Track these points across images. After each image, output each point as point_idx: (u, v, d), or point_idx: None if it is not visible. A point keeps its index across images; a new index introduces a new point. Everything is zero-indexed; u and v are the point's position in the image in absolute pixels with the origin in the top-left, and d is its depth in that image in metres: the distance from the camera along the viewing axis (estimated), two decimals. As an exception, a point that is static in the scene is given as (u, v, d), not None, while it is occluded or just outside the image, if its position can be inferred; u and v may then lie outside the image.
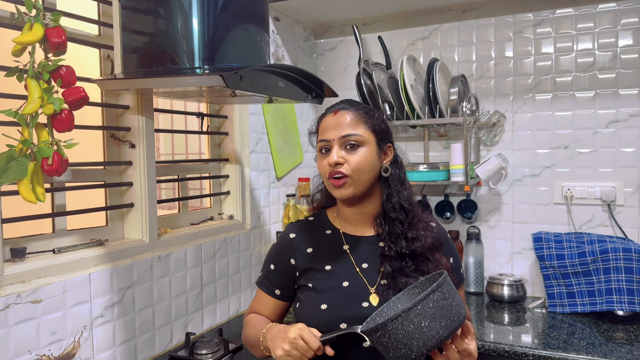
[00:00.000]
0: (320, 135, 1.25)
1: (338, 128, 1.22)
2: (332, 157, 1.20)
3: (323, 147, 1.23)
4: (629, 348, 1.59)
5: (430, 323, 0.98)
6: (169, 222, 1.79)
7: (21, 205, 1.19)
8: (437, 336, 0.98)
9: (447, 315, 0.99)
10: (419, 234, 1.22)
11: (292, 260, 1.27)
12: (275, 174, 2.24)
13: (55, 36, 1.16)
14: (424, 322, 0.98)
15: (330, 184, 1.22)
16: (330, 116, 1.24)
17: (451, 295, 1.01)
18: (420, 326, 0.98)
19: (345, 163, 1.20)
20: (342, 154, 1.20)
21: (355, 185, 1.21)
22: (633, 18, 2.02)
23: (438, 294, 1.00)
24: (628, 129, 2.04)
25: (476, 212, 2.26)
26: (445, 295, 1.00)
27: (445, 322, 0.98)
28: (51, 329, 1.28)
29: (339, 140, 1.21)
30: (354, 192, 1.22)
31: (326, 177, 1.23)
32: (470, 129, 2.16)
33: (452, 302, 1.01)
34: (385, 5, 2.26)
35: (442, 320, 0.98)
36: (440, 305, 0.99)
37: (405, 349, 0.99)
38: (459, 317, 1.00)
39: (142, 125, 1.56)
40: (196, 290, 1.78)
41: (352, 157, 1.20)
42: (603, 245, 1.89)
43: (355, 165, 1.20)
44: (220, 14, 1.31)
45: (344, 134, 1.21)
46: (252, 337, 1.25)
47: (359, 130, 1.22)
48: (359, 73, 2.20)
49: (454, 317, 1.00)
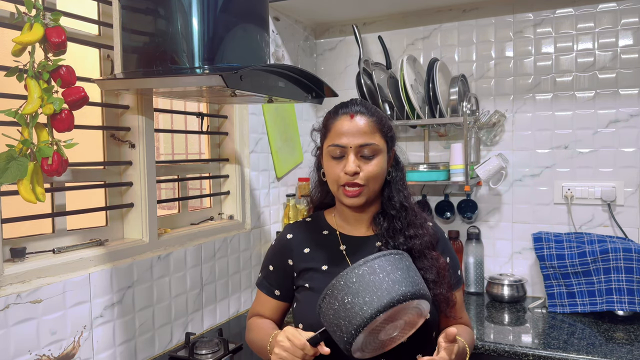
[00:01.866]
0: (333, 138, 1.20)
1: (356, 135, 1.18)
2: (350, 166, 1.16)
3: (336, 152, 1.19)
4: (629, 348, 1.59)
5: (353, 299, 0.92)
6: (169, 222, 1.79)
7: (21, 205, 1.19)
8: (360, 313, 0.90)
9: (374, 290, 0.92)
10: (417, 232, 1.22)
11: (290, 261, 1.28)
12: (275, 174, 2.24)
13: (55, 36, 1.16)
14: (347, 298, 0.92)
15: (342, 192, 1.20)
16: (346, 119, 1.20)
17: (386, 271, 0.94)
18: (344, 303, 0.92)
19: (360, 172, 1.18)
20: (358, 162, 1.18)
21: (368, 194, 1.21)
22: (633, 18, 2.02)
23: (365, 269, 0.94)
24: (628, 129, 2.04)
25: (476, 212, 2.26)
26: (374, 270, 0.94)
27: (370, 298, 0.91)
28: (51, 329, 1.28)
29: (356, 149, 1.18)
30: (366, 200, 1.21)
31: (338, 184, 1.20)
32: (470, 129, 2.16)
33: (385, 277, 0.93)
34: (385, 5, 2.26)
35: (366, 295, 0.91)
36: (367, 280, 0.93)
37: (338, 331, 0.93)
38: (390, 294, 0.92)
39: (142, 125, 1.56)
40: (196, 290, 1.78)
41: (368, 166, 1.18)
42: (603, 245, 1.89)
43: (371, 174, 1.19)
44: (220, 14, 1.30)
45: (363, 143, 1.18)
46: (258, 344, 1.25)
47: (376, 139, 1.20)
48: (359, 73, 2.20)
49: (384, 292, 0.92)
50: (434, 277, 1.19)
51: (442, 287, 1.19)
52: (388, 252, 1.01)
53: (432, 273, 1.19)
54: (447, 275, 1.23)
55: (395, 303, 0.92)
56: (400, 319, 0.99)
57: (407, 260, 1.03)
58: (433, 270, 1.19)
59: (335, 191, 1.23)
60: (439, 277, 1.20)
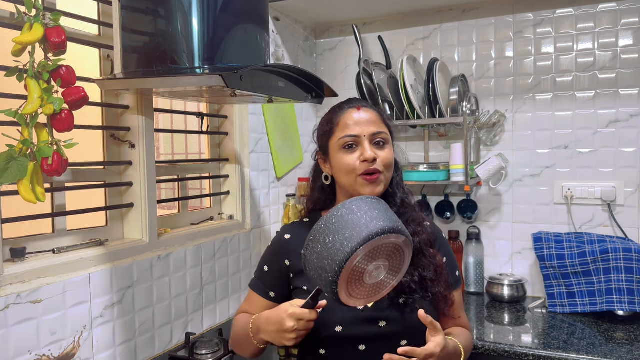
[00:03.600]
0: (343, 130, 1.21)
1: (368, 124, 1.19)
2: (367, 152, 1.17)
3: (349, 142, 1.19)
4: (629, 348, 1.59)
5: (334, 237, 0.93)
6: (169, 222, 1.79)
7: (21, 205, 1.19)
8: (341, 249, 0.92)
9: (352, 226, 0.93)
10: (417, 229, 1.23)
11: (287, 262, 1.28)
12: (275, 174, 2.24)
13: (55, 36, 1.15)
14: (328, 237, 0.94)
15: (361, 181, 1.19)
16: (353, 112, 1.22)
17: (363, 210, 0.96)
18: (326, 242, 0.94)
19: (378, 159, 1.18)
20: (374, 150, 1.19)
21: (385, 182, 1.21)
22: (633, 18, 2.02)
23: (343, 210, 0.96)
24: (628, 129, 2.04)
25: (476, 212, 2.26)
26: (352, 210, 0.96)
27: (350, 234, 0.93)
28: (51, 329, 1.28)
29: (370, 137, 1.19)
30: (384, 189, 1.21)
31: (355, 174, 1.19)
32: (470, 129, 2.16)
33: (364, 215, 0.95)
34: (385, 5, 2.26)
35: (345, 232, 0.93)
36: (346, 219, 0.95)
37: (323, 273, 0.95)
38: (369, 228, 0.93)
39: (142, 125, 1.56)
40: (196, 290, 1.78)
41: (383, 153, 1.19)
42: (603, 245, 1.89)
43: (386, 161, 1.19)
44: (220, 14, 1.30)
45: (376, 131, 1.19)
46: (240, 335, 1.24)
47: (384, 128, 1.22)
48: (359, 73, 2.20)
49: (362, 227, 0.93)
50: (432, 275, 1.19)
51: (440, 285, 1.20)
52: (365, 196, 1.02)
53: (430, 271, 1.19)
54: (445, 274, 1.23)
55: (374, 235, 0.93)
56: (381, 258, 0.98)
57: (384, 204, 1.04)
58: (431, 268, 1.20)
59: (351, 183, 1.21)
60: (437, 275, 1.21)
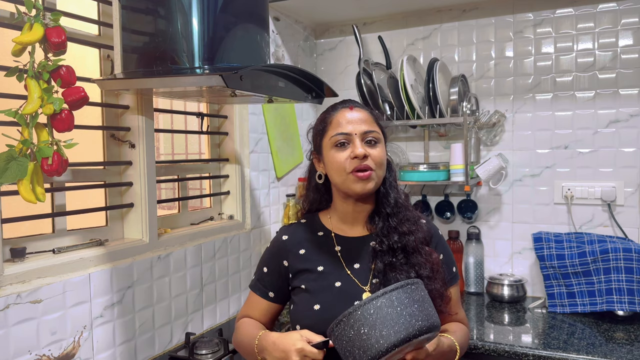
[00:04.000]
0: (335, 128, 1.22)
1: (360, 122, 1.21)
2: (358, 149, 1.18)
3: (340, 140, 1.21)
4: (629, 348, 1.59)
5: (369, 331, 0.92)
6: (169, 222, 1.79)
7: (21, 205, 1.19)
8: (376, 345, 0.91)
9: (391, 324, 0.92)
10: (411, 228, 1.23)
11: (285, 262, 1.28)
12: (275, 174, 2.24)
13: (55, 36, 1.16)
14: (363, 329, 0.93)
15: (352, 178, 1.19)
16: (346, 111, 1.24)
17: (403, 304, 0.95)
18: (360, 333, 0.93)
19: (369, 157, 1.19)
20: (365, 147, 1.20)
21: (377, 180, 1.22)
22: (633, 18, 2.02)
23: (383, 301, 0.94)
24: (628, 129, 2.04)
25: (476, 212, 2.26)
26: (392, 303, 0.94)
27: (387, 332, 0.91)
28: (51, 329, 1.28)
29: (361, 135, 1.20)
30: (375, 187, 1.22)
31: (347, 172, 1.20)
32: (471, 129, 2.16)
33: (402, 311, 0.94)
34: (385, 5, 2.26)
35: (383, 329, 0.92)
36: (384, 313, 0.93)
37: (350, 356, 0.95)
38: (407, 329, 0.93)
39: (142, 125, 1.56)
40: (196, 290, 1.78)
41: (374, 151, 1.21)
42: (603, 245, 1.89)
43: (378, 159, 1.20)
44: (220, 14, 1.30)
45: (367, 130, 1.21)
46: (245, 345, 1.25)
47: (376, 128, 1.24)
48: (359, 73, 2.20)
49: (401, 327, 0.92)
50: (428, 272, 1.20)
51: (436, 282, 1.20)
52: (405, 282, 1.01)
53: (426, 269, 1.20)
54: (441, 271, 1.24)
55: (412, 338, 0.94)
56: (410, 347, 1.01)
57: (422, 290, 1.04)
58: (427, 266, 1.20)
59: (342, 181, 1.22)
60: (433, 272, 1.21)
